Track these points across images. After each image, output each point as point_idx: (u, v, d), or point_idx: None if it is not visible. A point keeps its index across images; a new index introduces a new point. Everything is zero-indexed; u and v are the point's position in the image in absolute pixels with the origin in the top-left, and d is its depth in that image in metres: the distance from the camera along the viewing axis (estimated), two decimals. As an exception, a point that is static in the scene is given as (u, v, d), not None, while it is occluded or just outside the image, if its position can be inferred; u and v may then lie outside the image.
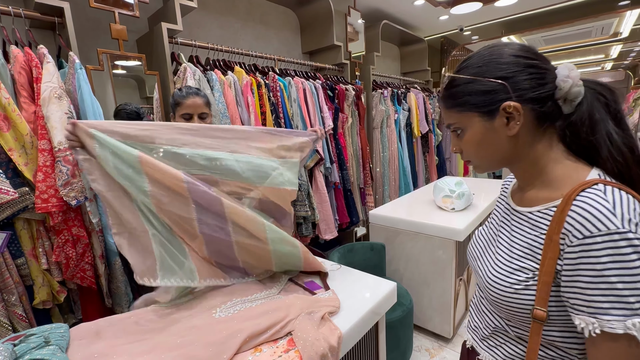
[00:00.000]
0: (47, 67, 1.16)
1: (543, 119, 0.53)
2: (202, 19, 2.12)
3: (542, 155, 0.55)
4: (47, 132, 1.15)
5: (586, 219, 0.45)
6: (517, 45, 0.54)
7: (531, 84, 0.51)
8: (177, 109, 1.30)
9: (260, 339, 0.83)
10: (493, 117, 0.54)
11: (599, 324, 0.43)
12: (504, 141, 0.55)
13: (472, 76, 0.54)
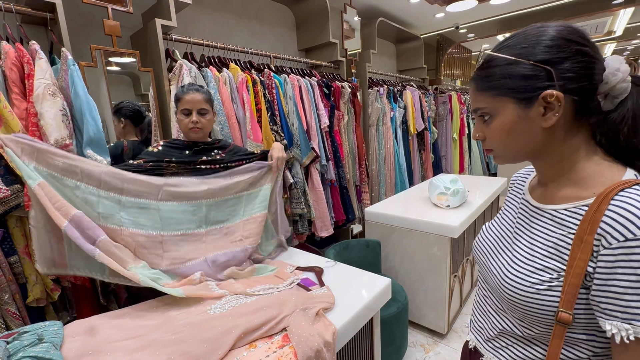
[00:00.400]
0: (39, 64, 1.15)
1: (582, 113, 0.49)
2: (197, 14, 2.10)
3: (574, 152, 0.51)
4: (40, 129, 1.14)
5: (629, 220, 0.42)
6: (569, 27, 0.48)
7: (578, 74, 0.46)
8: (178, 104, 1.31)
9: (255, 335, 0.84)
10: (530, 105, 0.49)
11: (634, 331, 0.41)
12: (536, 132, 0.50)
13: (514, 57, 0.48)
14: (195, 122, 1.29)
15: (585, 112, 0.49)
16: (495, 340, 0.61)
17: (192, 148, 1.35)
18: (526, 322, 0.54)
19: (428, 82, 4.29)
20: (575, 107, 0.48)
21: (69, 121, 1.21)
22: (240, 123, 1.80)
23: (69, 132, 1.20)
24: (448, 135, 4.14)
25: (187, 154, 1.34)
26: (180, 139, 1.39)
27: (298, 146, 2.08)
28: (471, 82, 0.56)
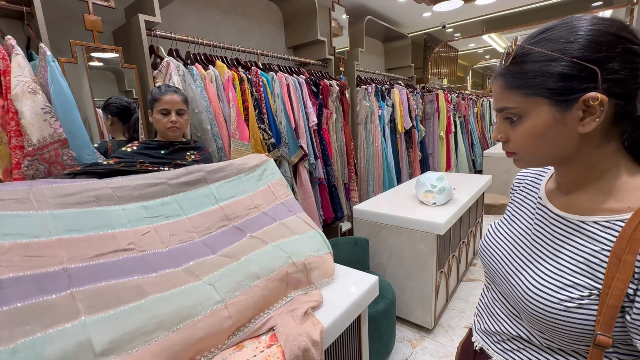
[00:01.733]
0: (16, 60, 1.11)
1: (621, 118, 0.45)
2: (182, 10, 2.06)
3: (605, 159, 0.48)
4: (22, 128, 1.11)
5: None
6: (618, 22, 0.43)
7: (626, 75, 0.42)
8: (155, 104, 1.32)
9: (241, 335, 0.84)
10: (568, 108, 0.44)
11: None
12: (570, 138, 0.46)
13: (555, 52, 0.43)
14: (174, 121, 1.33)
15: (625, 117, 0.45)
16: (506, 343, 0.59)
17: (169, 147, 1.37)
18: (547, 335, 0.51)
19: (415, 80, 4.34)
20: (615, 112, 0.44)
21: (55, 119, 1.17)
22: (227, 121, 1.78)
23: (53, 130, 1.16)
24: (435, 133, 4.20)
25: (163, 153, 1.35)
26: (156, 139, 1.40)
27: (286, 144, 2.08)
28: (498, 78, 0.50)
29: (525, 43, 0.46)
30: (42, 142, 1.17)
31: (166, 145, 1.37)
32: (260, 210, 1.24)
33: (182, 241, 1.03)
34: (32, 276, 0.73)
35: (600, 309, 0.44)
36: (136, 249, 0.93)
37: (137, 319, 0.72)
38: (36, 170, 1.18)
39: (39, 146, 1.17)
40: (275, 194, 1.34)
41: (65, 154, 1.23)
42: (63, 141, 1.21)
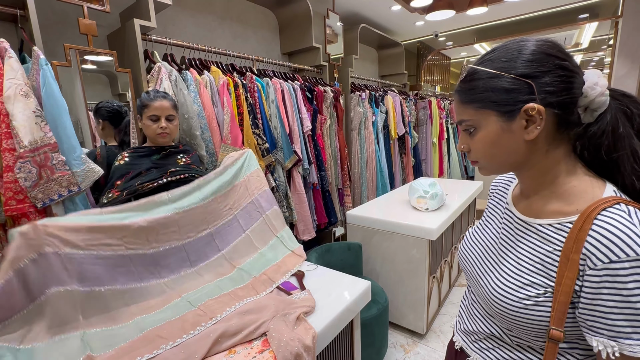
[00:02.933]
0: (9, 63, 1.10)
1: (563, 126, 0.50)
2: (177, 15, 2.07)
3: (555, 165, 0.53)
4: (12, 130, 1.10)
5: (612, 242, 0.43)
6: (549, 42, 0.49)
7: (558, 87, 0.47)
8: (145, 110, 1.33)
9: (233, 340, 0.84)
10: (512, 118, 0.50)
11: (619, 347, 0.43)
12: (519, 145, 0.51)
13: (497, 70, 0.49)
14: (164, 127, 1.34)
15: (566, 124, 0.50)
16: (482, 342, 0.63)
17: (160, 152, 1.38)
18: (514, 332, 0.55)
19: (409, 87, 4.40)
20: (556, 120, 0.50)
21: (45, 122, 1.16)
22: (221, 127, 1.78)
23: (44, 134, 1.16)
24: (428, 140, 4.25)
25: (155, 159, 1.37)
26: (146, 145, 1.41)
27: (280, 150, 2.09)
28: (455, 95, 0.57)
29: (473, 64, 0.53)
30: (34, 144, 1.16)
31: (157, 150, 1.38)
32: (232, 213, 1.37)
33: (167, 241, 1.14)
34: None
35: (553, 305, 0.48)
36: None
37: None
38: (28, 173, 1.17)
39: (31, 148, 1.16)
40: (248, 189, 1.43)
41: (55, 159, 1.21)
42: (53, 145, 1.21)
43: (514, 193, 0.64)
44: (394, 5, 3.18)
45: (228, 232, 1.33)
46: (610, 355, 0.44)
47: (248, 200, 1.42)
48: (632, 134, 0.49)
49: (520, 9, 3.45)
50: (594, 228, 0.45)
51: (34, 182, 1.17)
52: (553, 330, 0.48)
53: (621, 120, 0.49)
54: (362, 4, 3.13)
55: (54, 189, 1.22)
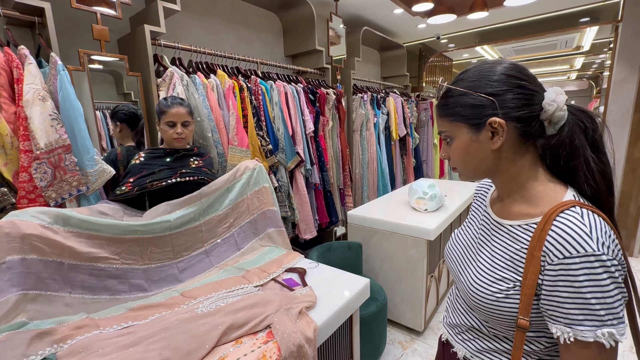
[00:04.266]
0: (28, 69, 1.16)
1: (526, 137, 0.57)
2: (184, 19, 2.13)
3: (523, 172, 0.59)
4: (30, 133, 1.16)
5: (566, 241, 0.49)
6: (511, 65, 0.56)
7: (517, 104, 0.55)
8: (163, 116, 1.41)
9: (240, 332, 0.90)
10: (479, 130, 0.57)
11: (573, 333, 0.49)
12: (487, 154, 0.58)
13: (465, 89, 0.57)
14: (180, 133, 1.42)
15: (528, 135, 0.57)
16: (465, 334, 0.69)
17: (173, 155, 1.45)
18: (490, 323, 0.62)
19: (410, 89, 4.44)
20: (518, 132, 0.56)
21: (60, 125, 1.22)
22: (227, 129, 1.84)
23: (58, 136, 1.22)
24: (429, 141, 4.30)
25: (168, 161, 1.44)
26: (161, 147, 1.48)
27: (283, 151, 2.14)
28: (435, 109, 0.65)
29: (448, 83, 0.61)
30: (49, 146, 1.22)
31: (171, 152, 1.46)
32: (231, 230, 1.45)
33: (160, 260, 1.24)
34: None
35: (520, 297, 0.54)
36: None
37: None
38: (44, 173, 1.23)
39: (46, 150, 1.22)
40: (249, 207, 1.50)
41: (68, 159, 1.27)
42: (67, 147, 1.27)
43: (492, 197, 0.71)
44: (396, 9, 3.23)
45: (223, 250, 1.41)
46: (566, 340, 0.49)
47: (248, 219, 1.50)
48: (586, 145, 0.55)
49: (520, 13, 3.48)
50: (552, 228, 0.51)
51: (49, 182, 1.23)
52: (520, 320, 0.54)
53: (577, 133, 0.55)
54: (365, 7, 3.17)
55: (65, 188, 1.28)
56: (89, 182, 1.34)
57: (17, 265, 0.89)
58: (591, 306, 0.47)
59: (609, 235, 0.50)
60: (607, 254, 0.47)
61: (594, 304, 0.47)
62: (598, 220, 0.51)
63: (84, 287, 1.03)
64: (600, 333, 0.47)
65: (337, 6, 3.00)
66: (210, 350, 0.83)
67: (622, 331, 0.47)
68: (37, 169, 1.21)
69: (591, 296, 0.47)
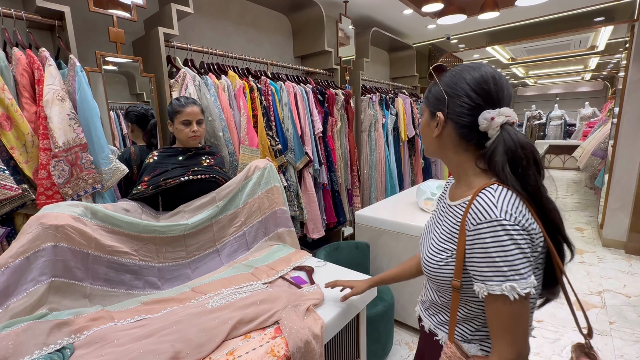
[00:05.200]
0: (49, 70, 1.21)
1: (465, 138, 0.67)
2: (196, 21, 2.17)
3: (465, 163, 0.69)
4: (49, 132, 1.20)
5: (478, 210, 0.59)
6: (478, 78, 0.63)
7: (459, 111, 0.64)
8: (177, 116, 1.44)
9: (249, 327, 0.92)
10: (432, 117, 0.70)
11: (487, 288, 0.57)
12: (432, 138, 0.71)
13: (440, 82, 0.67)
14: (196, 131, 1.45)
15: (467, 137, 0.66)
16: (430, 309, 0.79)
17: (186, 153, 1.49)
18: (440, 292, 0.71)
19: (420, 89, 4.42)
20: (459, 133, 0.66)
21: (78, 124, 1.27)
22: (238, 128, 1.88)
23: (76, 135, 1.26)
24: (438, 142, 4.26)
25: (181, 159, 1.47)
26: (174, 146, 1.52)
27: (292, 151, 2.17)
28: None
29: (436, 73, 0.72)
30: (67, 145, 1.27)
31: (184, 151, 1.49)
32: (242, 229, 1.48)
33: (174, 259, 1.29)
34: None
35: (455, 263, 0.64)
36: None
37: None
38: (62, 171, 1.27)
39: (64, 148, 1.26)
40: (260, 207, 1.53)
41: (84, 158, 1.32)
42: (83, 145, 1.31)
43: (451, 187, 0.80)
44: (405, 9, 3.22)
45: (234, 249, 1.45)
46: (483, 295, 0.59)
47: (259, 219, 1.52)
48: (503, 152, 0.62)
49: (532, 12, 3.43)
50: (473, 202, 0.61)
51: (66, 180, 1.28)
52: (454, 281, 0.65)
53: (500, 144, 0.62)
54: (374, 8, 3.18)
55: (81, 185, 1.33)
56: (104, 180, 1.38)
57: (49, 252, 0.96)
58: (496, 264, 0.56)
59: (517, 207, 0.58)
60: (509, 220, 0.56)
61: (499, 262, 0.56)
62: (509, 195, 0.59)
63: (104, 279, 1.08)
64: (504, 287, 0.55)
65: (346, 7, 3.01)
66: (220, 343, 0.85)
67: (523, 286, 0.55)
68: (55, 166, 1.26)
69: (496, 255, 0.56)
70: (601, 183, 3.59)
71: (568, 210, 4.50)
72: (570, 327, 2.01)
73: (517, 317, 0.57)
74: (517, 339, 0.58)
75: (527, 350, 0.60)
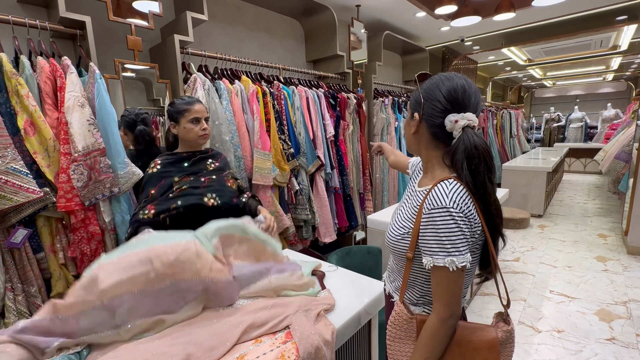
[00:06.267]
0: (70, 77, 1.26)
1: (435, 137, 0.79)
2: (210, 27, 2.22)
3: (433, 158, 0.82)
4: (70, 137, 1.25)
5: (433, 198, 0.72)
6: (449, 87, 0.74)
7: (429, 112, 0.77)
8: (185, 114, 1.32)
9: (260, 331, 0.91)
10: (412, 117, 0.82)
11: (433, 260, 0.71)
12: (410, 135, 0.84)
13: (422, 87, 0.79)
14: (205, 128, 1.35)
15: (436, 137, 0.78)
16: (390, 276, 0.95)
17: (190, 159, 1.37)
18: (396, 262, 0.88)
19: (433, 92, 4.36)
20: (430, 131, 0.78)
21: (96, 129, 1.31)
22: (250, 132, 1.90)
23: (95, 140, 1.30)
24: (452, 145, 4.19)
25: (186, 165, 1.36)
26: (177, 152, 1.39)
27: (304, 155, 2.17)
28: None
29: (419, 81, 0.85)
30: (86, 149, 1.31)
31: (188, 156, 1.38)
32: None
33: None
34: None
35: (410, 239, 0.78)
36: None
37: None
38: (80, 174, 1.31)
39: (84, 153, 1.30)
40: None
41: (102, 162, 1.35)
42: (102, 150, 1.35)
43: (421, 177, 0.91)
44: (418, 12, 3.20)
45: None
46: (429, 266, 0.72)
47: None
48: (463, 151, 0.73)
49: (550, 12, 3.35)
50: (431, 191, 0.74)
51: (84, 183, 1.31)
52: (407, 254, 0.79)
53: (461, 144, 0.74)
54: (386, 11, 3.17)
55: (99, 189, 1.36)
56: (120, 184, 1.41)
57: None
58: (442, 242, 0.70)
59: (463, 199, 0.71)
60: (455, 209, 0.70)
61: (445, 241, 0.70)
62: (460, 189, 0.72)
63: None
64: (447, 260, 0.69)
65: (358, 11, 3.01)
66: (231, 347, 0.85)
67: (461, 260, 0.69)
68: (75, 170, 1.30)
69: (443, 235, 0.70)
70: (625, 187, 3.44)
71: (590, 215, 4.33)
72: (594, 339, 1.93)
73: (453, 285, 0.71)
74: (451, 302, 0.72)
75: (459, 310, 0.73)
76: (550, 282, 2.64)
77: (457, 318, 0.74)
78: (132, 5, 1.60)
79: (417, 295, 0.84)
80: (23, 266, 1.19)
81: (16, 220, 1.17)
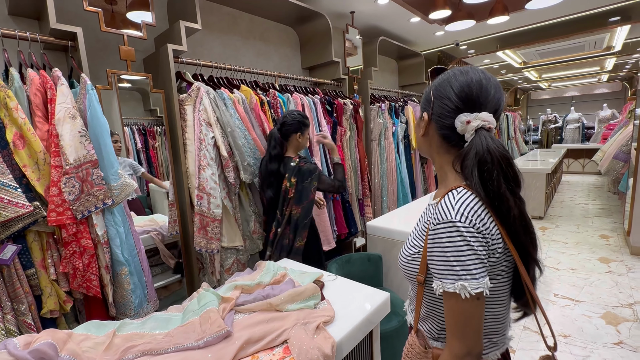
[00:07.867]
0: (61, 89, 1.24)
1: (446, 140, 0.69)
2: (205, 37, 2.22)
3: (445, 165, 0.72)
4: (60, 149, 1.22)
5: (439, 211, 0.62)
6: (463, 82, 0.65)
7: (439, 112, 0.68)
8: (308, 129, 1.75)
9: (257, 347, 0.88)
10: (422, 117, 0.73)
11: (442, 285, 0.60)
12: (419, 136, 0.75)
13: (431, 84, 0.72)
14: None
15: (448, 140, 0.69)
16: (411, 304, 0.83)
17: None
18: (410, 286, 0.77)
19: (430, 97, 4.37)
20: (440, 134, 0.69)
21: (88, 141, 1.29)
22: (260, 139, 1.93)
23: (87, 151, 1.28)
24: (450, 149, 4.19)
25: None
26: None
27: (301, 162, 2.15)
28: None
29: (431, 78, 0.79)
30: (78, 161, 1.28)
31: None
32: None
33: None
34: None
35: (421, 259, 0.67)
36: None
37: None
38: (72, 187, 1.28)
39: (75, 165, 1.27)
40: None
41: (95, 174, 1.32)
42: (94, 162, 1.32)
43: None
44: (412, 17, 3.22)
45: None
46: (439, 291, 0.62)
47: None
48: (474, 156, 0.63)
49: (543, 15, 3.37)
50: (439, 203, 0.64)
51: (76, 196, 1.28)
52: (418, 277, 0.68)
53: (473, 148, 0.64)
54: (381, 17, 3.19)
55: (91, 201, 1.32)
56: (114, 196, 1.38)
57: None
58: (450, 263, 0.59)
59: (475, 211, 0.60)
60: (463, 222, 0.58)
61: (452, 261, 0.59)
62: (470, 198, 0.61)
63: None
64: (457, 285, 0.58)
65: (353, 18, 3.03)
66: (226, 365, 0.81)
67: (474, 285, 0.57)
68: (66, 183, 1.27)
69: (450, 254, 0.59)
70: (625, 187, 3.43)
71: (591, 216, 4.30)
72: (601, 343, 1.88)
73: (468, 315, 0.59)
74: (467, 336, 0.60)
75: (478, 347, 0.61)
76: (554, 285, 2.61)
77: (477, 357, 0.62)
78: (125, 16, 1.59)
79: (437, 328, 0.71)
80: (12, 283, 1.15)
81: (5, 236, 1.13)
